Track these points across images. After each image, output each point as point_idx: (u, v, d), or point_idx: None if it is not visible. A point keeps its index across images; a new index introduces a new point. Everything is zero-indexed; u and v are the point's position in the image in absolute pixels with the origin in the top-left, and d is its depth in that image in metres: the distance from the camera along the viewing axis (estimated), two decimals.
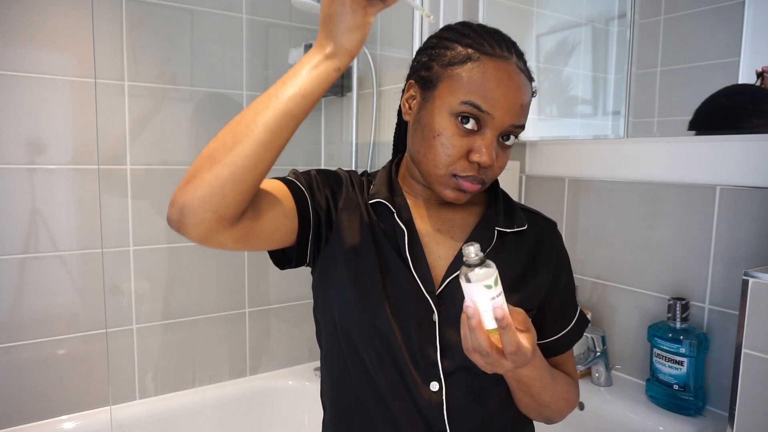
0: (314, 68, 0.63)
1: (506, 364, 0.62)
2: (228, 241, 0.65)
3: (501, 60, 0.70)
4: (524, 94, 0.71)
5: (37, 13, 1.54)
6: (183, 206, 0.61)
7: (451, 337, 0.73)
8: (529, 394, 0.76)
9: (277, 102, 0.62)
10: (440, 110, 0.71)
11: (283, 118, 0.62)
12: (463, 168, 0.71)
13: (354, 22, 0.61)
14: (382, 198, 0.78)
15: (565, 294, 0.84)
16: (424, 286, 0.74)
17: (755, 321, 0.85)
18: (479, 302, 0.60)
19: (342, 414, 0.80)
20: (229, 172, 0.61)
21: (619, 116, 1.30)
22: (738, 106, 1.14)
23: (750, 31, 1.06)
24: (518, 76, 0.71)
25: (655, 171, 1.26)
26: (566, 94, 1.47)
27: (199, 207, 0.61)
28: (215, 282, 1.89)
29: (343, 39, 0.62)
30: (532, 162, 1.57)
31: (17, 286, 1.58)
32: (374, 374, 0.75)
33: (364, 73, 1.80)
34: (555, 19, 1.48)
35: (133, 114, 1.69)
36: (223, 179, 0.61)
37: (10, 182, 1.54)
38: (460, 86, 0.70)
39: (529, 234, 0.81)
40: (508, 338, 0.60)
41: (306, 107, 0.63)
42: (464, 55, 0.71)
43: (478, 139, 0.70)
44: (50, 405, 1.63)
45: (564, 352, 0.84)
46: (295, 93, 0.62)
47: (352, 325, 0.75)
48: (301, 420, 1.92)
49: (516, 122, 0.71)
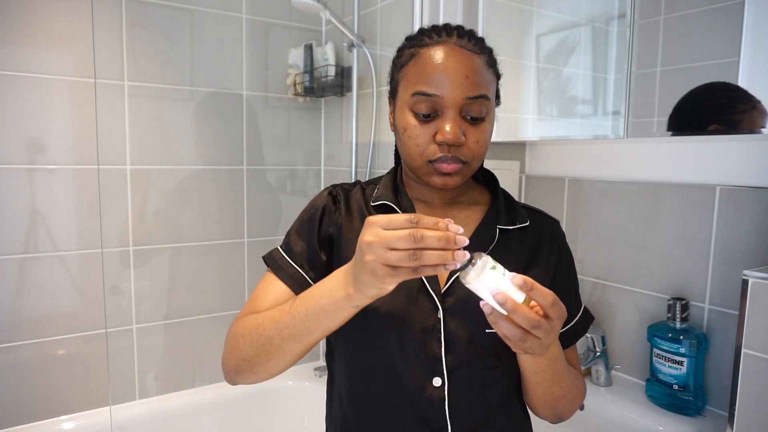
0: (341, 310, 0.66)
1: (555, 322, 0.62)
2: None
3: (437, 45, 0.74)
4: (466, 67, 0.73)
5: (37, 13, 1.54)
6: (231, 380, 0.83)
7: (455, 334, 0.74)
8: (545, 386, 0.76)
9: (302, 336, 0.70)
10: (401, 110, 0.77)
11: (307, 347, 0.72)
12: (433, 152, 0.74)
13: (373, 285, 0.60)
14: (387, 200, 0.81)
15: (567, 289, 0.85)
16: (429, 284, 0.75)
17: (755, 321, 0.85)
18: (500, 286, 0.60)
19: (344, 408, 0.81)
20: (266, 375, 0.79)
21: (619, 116, 1.30)
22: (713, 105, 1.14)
23: (750, 31, 1.06)
24: (455, 52, 0.73)
25: (655, 171, 1.26)
26: (566, 94, 1.47)
27: (243, 381, 0.81)
28: (215, 282, 1.89)
29: (365, 289, 0.62)
30: (532, 162, 1.57)
31: (17, 286, 1.58)
32: (377, 369, 0.76)
33: (364, 73, 1.80)
34: (555, 19, 1.48)
35: (132, 114, 1.69)
36: (263, 377, 0.79)
37: (10, 182, 1.54)
38: (408, 83, 0.76)
39: (532, 231, 0.83)
40: (541, 293, 0.61)
41: (323, 335, 0.70)
42: (408, 55, 0.77)
43: (440, 122, 0.74)
44: (50, 405, 1.64)
45: (567, 348, 0.85)
46: (319, 329, 0.69)
47: (356, 321, 0.76)
48: (301, 420, 1.92)
49: (469, 94, 0.73)
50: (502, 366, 0.78)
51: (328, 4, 1.66)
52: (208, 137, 1.82)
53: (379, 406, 0.77)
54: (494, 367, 0.77)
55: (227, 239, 1.90)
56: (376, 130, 1.76)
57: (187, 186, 1.79)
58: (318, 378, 1.96)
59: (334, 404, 0.85)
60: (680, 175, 1.21)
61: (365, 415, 0.78)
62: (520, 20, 1.52)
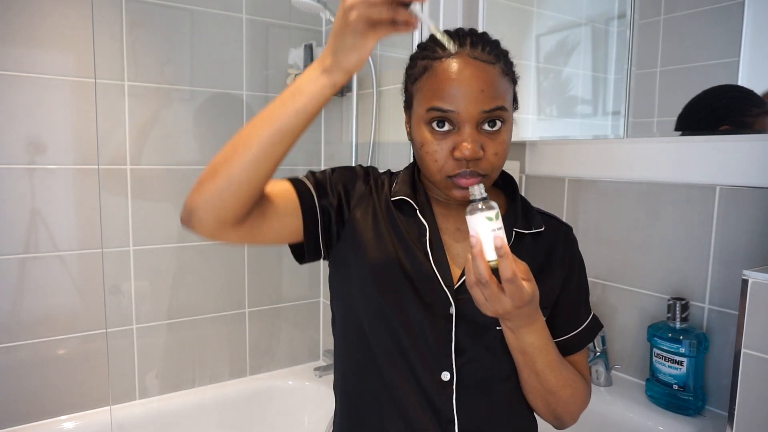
0: (311, 83, 0.66)
1: (504, 299, 0.66)
2: (234, 239, 0.73)
3: (449, 58, 0.73)
4: (480, 80, 0.72)
5: (37, 13, 1.54)
6: (190, 209, 0.70)
7: (467, 330, 0.76)
8: (534, 371, 0.76)
9: (272, 118, 0.67)
10: (418, 124, 0.76)
11: (276, 135, 0.67)
12: (452, 168, 0.74)
13: (354, 42, 0.63)
14: (405, 195, 0.81)
15: (577, 296, 0.86)
16: (443, 280, 0.76)
17: (755, 321, 0.85)
18: (481, 232, 0.66)
19: (354, 402, 0.83)
20: (226, 183, 0.67)
21: (619, 116, 1.30)
22: (726, 105, 1.14)
23: (750, 31, 1.06)
24: (469, 65, 0.72)
25: (655, 171, 1.26)
26: (566, 94, 1.47)
27: (203, 211, 0.69)
28: (215, 282, 1.89)
29: (343, 56, 0.64)
30: (532, 162, 1.57)
31: (17, 286, 1.58)
32: (387, 361, 0.77)
33: (364, 73, 1.80)
34: (555, 19, 1.48)
35: (133, 114, 1.69)
36: (221, 189, 0.68)
37: (10, 182, 1.54)
38: (423, 97, 0.75)
39: (545, 236, 0.84)
40: (505, 265, 0.65)
41: (300, 123, 0.68)
42: (422, 68, 0.75)
43: (457, 137, 0.73)
44: (50, 405, 1.64)
45: (575, 353, 0.85)
46: (289, 109, 0.67)
47: (369, 313, 0.78)
48: (301, 420, 1.92)
49: (485, 108, 0.72)
50: (511, 365, 0.79)
51: (328, 4, 1.66)
52: (208, 137, 1.82)
53: (388, 398, 0.78)
54: (503, 365, 0.79)
55: None
56: (376, 130, 1.76)
57: (187, 186, 1.77)
58: (318, 378, 1.96)
59: (341, 398, 0.86)
60: (680, 175, 1.21)
61: (375, 407, 0.79)
62: (520, 20, 1.52)
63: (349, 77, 0.67)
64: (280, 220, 0.76)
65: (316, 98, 0.67)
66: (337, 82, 0.66)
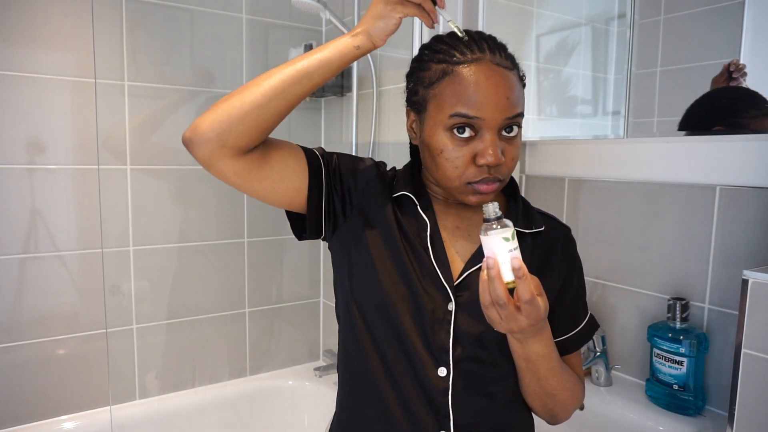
0: (338, 41, 0.74)
1: (521, 319, 0.66)
2: (229, 172, 0.74)
3: (473, 63, 0.72)
4: (506, 87, 0.72)
5: (37, 13, 1.54)
6: (196, 125, 0.72)
7: (465, 327, 0.76)
8: (537, 376, 0.77)
9: (296, 61, 0.73)
10: (435, 129, 0.75)
11: (297, 74, 0.72)
12: (474, 174, 0.73)
13: (384, 11, 0.72)
14: (407, 191, 0.82)
15: (575, 296, 0.86)
16: (443, 276, 0.77)
17: (755, 321, 0.85)
18: (498, 254, 0.66)
19: (354, 389, 0.83)
20: (239, 104, 0.71)
21: (618, 116, 1.31)
22: (723, 106, 1.14)
23: (750, 31, 1.06)
24: (495, 72, 0.72)
25: (655, 171, 1.26)
26: (566, 94, 1.47)
27: (207, 127, 0.71)
28: (215, 282, 1.89)
29: (371, 22, 0.73)
30: (531, 162, 1.56)
31: (17, 286, 1.58)
32: (385, 353, 0.78)
33: (364, 73, 1.80)
34: (555, 19, 1.48)
35: (133, 114, 1.69)
36: (231, 108, 0.71)
37: (10, 182, 1.54)
38: (444, 102, 0.73)
39: (545, 236, 0.84)
40: (524, 287, 0.65)
41: (319, 70, 0.73)
42: (440, 72, 0.74)
43: (479, 143, 0.72)
44: (50, 405, 1.64)
45: (571, 353, 0.86)
46: (313, 56, 0.73)
47: (368, 304, 0.79)
48: (301, 420, 1.92)
49: (509, 115, 0.72)
50: (508, 364, 0.79)
51: (328, 4, 1.66)
52: None
53: (386, 389, 0.78)
54: (500, 364, 0.79)
55: (227, 239, 1.90)
56: (376, 130, 1.76)
57: (187, 186, 1.79)
58: (318, 378, 1.96)
59: (342, 384, 0.87)
60: (680, 175, 1.21)
61: (374, 396, 0.80)
62: (520, 20, 1.52)
63: (371, 45, 0.74)
64: (281, 172, 0.77)
65: (338, 54, 0.73)
66: (360, 44, 0.73)
